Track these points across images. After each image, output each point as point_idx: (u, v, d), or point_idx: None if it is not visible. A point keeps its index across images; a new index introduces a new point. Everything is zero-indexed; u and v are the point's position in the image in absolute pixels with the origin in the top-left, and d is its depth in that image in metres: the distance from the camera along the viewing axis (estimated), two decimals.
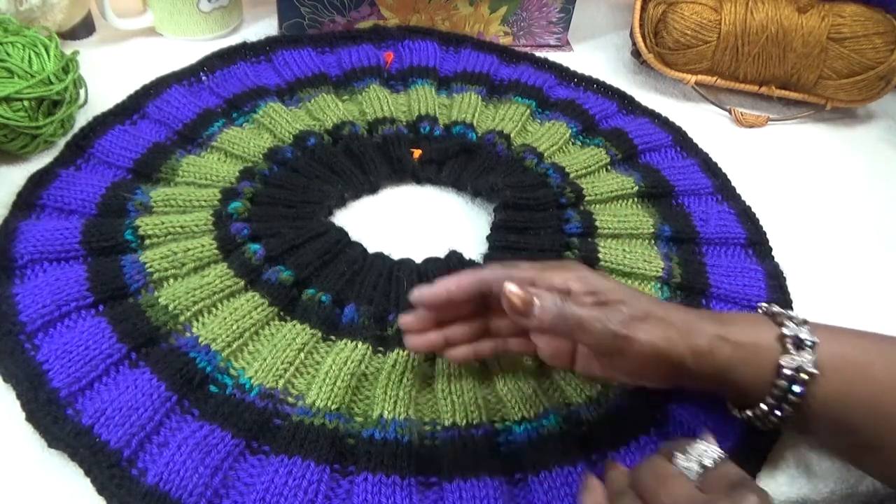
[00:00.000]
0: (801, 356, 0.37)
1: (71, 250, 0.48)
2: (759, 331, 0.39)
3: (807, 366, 0.37)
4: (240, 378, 0.43)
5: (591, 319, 0.36)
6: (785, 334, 0.38)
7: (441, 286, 0.40)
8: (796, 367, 0.37)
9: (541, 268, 0.40)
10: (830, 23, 0.68)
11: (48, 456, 0.39)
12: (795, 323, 0.39)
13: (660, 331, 0.37)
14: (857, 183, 0.68)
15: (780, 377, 0.37)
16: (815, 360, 0.37)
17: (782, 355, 0.37)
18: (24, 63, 0.53)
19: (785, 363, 0.37)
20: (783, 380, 0.37)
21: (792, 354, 0.37)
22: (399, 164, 0.59)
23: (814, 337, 0.38)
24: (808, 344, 0.37)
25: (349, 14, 0.72)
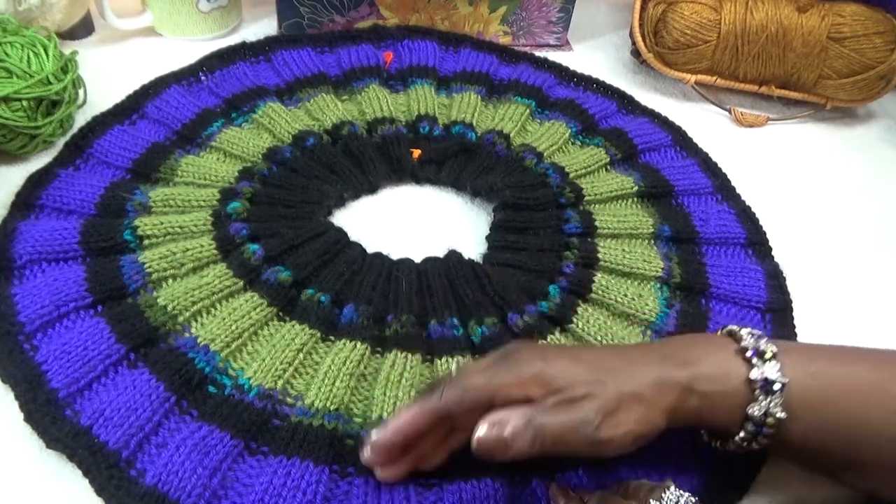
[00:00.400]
0: (768, 401, 0.37)
1: (70, 250, 0.48)
2: (725, 372, 0.38)
3: (775, 411, 0.36)
4: (238, 378, 0.43)
5: (565, 433, 0.35)
6: (752, 379, 0.37)
7: (395, 428, 0.37)
8: (764, 412, 0.37)
9: (491, 377, 0.36)
10: (830, 22, 0.68)
11: (47, 456, 0.39)
12: (763, 358, 0.37)
13: (634, 415, 0.36)
14: (857, 183, 0.67)
15: (748, 421, 0.37)
16: (783, 402, 0.36)
17: (750, 404, 0.37)
18: (22, 63, 0.53)
19: (752, 411, 0.37)
20: (751, 424, 0.37)
21: (759, 401, 0.37)
22: (398, 163, 0.59)
23: (783, 377, 0.37)
24: (776, 388, 0.37)
25: (348, 14, 0.72)
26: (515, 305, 0.48)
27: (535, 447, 0.35)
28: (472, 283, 0.49)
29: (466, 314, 0.48)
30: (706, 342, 0.40)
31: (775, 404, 0.36)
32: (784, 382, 0.36)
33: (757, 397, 0.37)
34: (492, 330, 0.47)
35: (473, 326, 0.47)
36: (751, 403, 0.37)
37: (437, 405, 0.37)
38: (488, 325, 0.47)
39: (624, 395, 0.36)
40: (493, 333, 0.46)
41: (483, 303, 0.48)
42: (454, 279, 0.49)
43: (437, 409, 0.37)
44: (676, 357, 0.38)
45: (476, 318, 0.47)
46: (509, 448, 0.34)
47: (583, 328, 0.48)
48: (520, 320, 0.47)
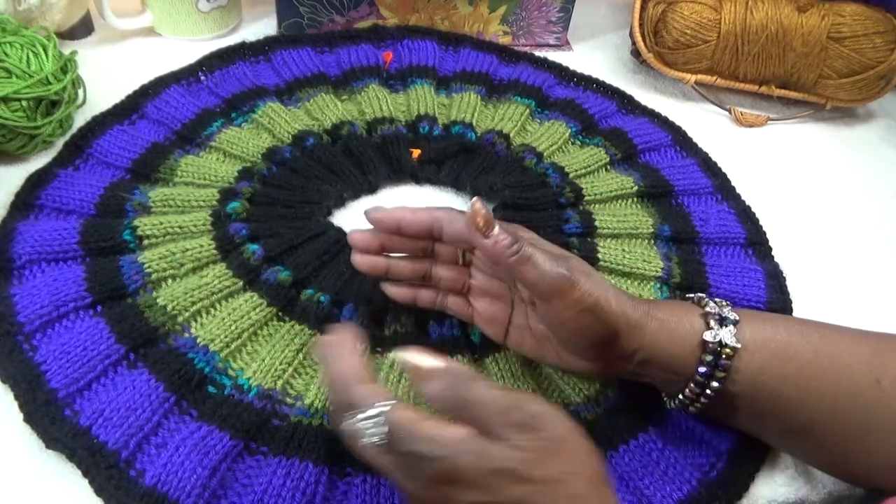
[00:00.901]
0: (722, 331, 0.38)
1: (69, 251, 0.47)
2: (684, 311, 0.40)
3: (728, 339, 0.38)
4: (238, 378, 0.43)
5: (541, 257, 0.37)
6: (708, 312, 0.39)
7: (397, 212, 0.42)
8: (718, 340, 0.38)
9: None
10: (830, 22, 0.68)
11: (46, 457, 0.39)
12: (718, 304, 0.40)
13: (601, 290, 0.38)
14: (858, 183, 0.67)
15: (705, 352, 0.38)
16: (736, 334, 0.38)
17: (706, 331, 0.38)
18: (22, 63, 0.53)
19: (708, 337, 0.38)
20: (707, 354, 0.38)
21: (714, 329, 0.38)
22: (398, 163, 0.59)
23: (735, 315, 0.39)
24: (730, 320, 0.39)
25: (348, 14, 0.71)
26: None
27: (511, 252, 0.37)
28: None
29: None
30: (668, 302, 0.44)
31: (730, 333, 0.38)
32: (736, 319, 0.39)
33: (712, 327, 0.38)
34: None
35: (472, 326, 0.47)
36: (706, 332, 0.38)
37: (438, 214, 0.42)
38: None
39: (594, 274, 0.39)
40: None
41: None
42: None
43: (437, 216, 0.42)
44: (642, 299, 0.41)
45: None
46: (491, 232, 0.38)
47: None
48: None
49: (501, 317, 0.43)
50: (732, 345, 0.38)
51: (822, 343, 0.38)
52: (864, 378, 0.37)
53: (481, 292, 0.44)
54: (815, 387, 0.37)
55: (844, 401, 0.37)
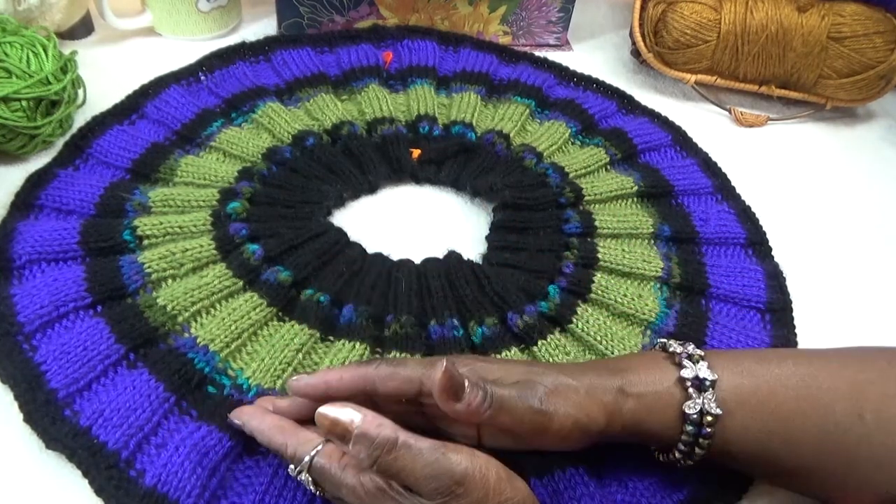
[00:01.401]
0: (702, 398, 0.37)
1: (69, 251, 0.47)
2: (658, 377, 0.38)
3: (709, 406, 0.37)
4: (238, 378, 0.43)
5: (512, 399, 0.35)
6: (684, 377, 0.38)
7: (320, 378, 0.37)
8: (699, 410, 0.37)
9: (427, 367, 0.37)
10: (830, 22, 0.68)
11: (46, 457, 0.39)
12: (693, 361, 0.38)
13: (573, 402, 0.36)
14: (858, 183, 0.67)
15: (687, 422, 0.37)
16: (716, 398, 0.37)
17: (685, 401, 0.37)
18: (22, 63, 0.53)
19: (688, 409, 0.37)
20: (690, 425, 0.37)
21: (693, 398, 0.37)
22: (398, 163, 0.59)
23: (713, 374, 0.37)
24: (707, 384, 0.37)
25: (348, 14, 0.71)
26: (515, 306, 0.48)
27: (485, 407, 0.35)
28: (472, 283, 0.49)
29: (466, 315, 0.48)
30: (639, 354, 0.42)
31: (709, 400, 0.37)
32: (714, 379, 0.37)
33: (691, 395, 0.37)
34: (492, 330, 0.47)
35: (474, 327, 0.47)
36: (686, 402, 0.37)
37: (369, 373, 0.37)
38: (488, 325, 0.47)
39: (561, 384, 0.37)
40: (493, 333, 0.46)
41: (483, 303, 0.48)
42: (454, 280, 0.49)
43: (368, 376, 0.37)
44: (609, 366, 0.39)
45: (476, 319, 0.47)
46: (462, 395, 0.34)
47: (582, 328, 0.48)
48: (519, 320, 0.47)
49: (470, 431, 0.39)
50: (714, 412, 0.37)
51: (802, 385, 0.37)
52: (847, 416, 0.36)
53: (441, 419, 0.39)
54: (799, 434, 0.37)
55: (830, 442, 0.36)
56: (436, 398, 0.35)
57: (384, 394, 0.37)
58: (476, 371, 0.37)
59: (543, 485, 0.40)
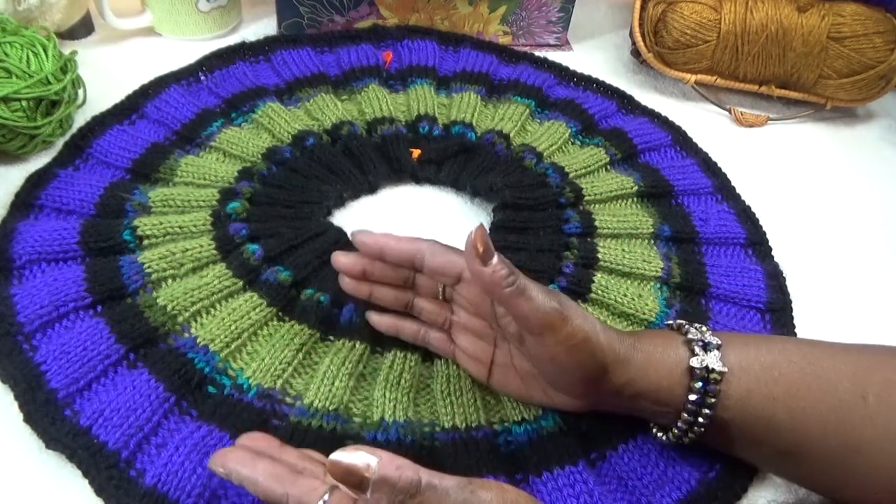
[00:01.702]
0: (708, 356, 0.38)
1: (69, 251, 0.47)
2: (667, 341, 0.40)
3: (715, 364, 0.37)
4: (238, 378, 0.43)
5: (534, 290, 0.36)
6: (691, 339, 0.39)
7: (381, 238, 0.41)
8: (705, 366, 0.38)
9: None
10: (830, 22, 0.68)
11: (46, 457, 0.39)
12: (699, 331, 0.40)
13: (590, 325, 0.38)
14: (857, 182, 0.67)
15: (693, 378, 0.38)
16: (721, 358, 0.38)
17: (691, 357, 0.38)
18: (22, 63, 0.53)
19: (695, 364, 0.38)
20: (696, 380, 0.38)
21: (699, 356, 0.38)
22: (398, 163, 0.59)
23: (717, 339, 0.39)
24: (713, 345, 0.38)
25: (348, 14, 0.71)
26: None
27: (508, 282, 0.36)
28: None
29: None
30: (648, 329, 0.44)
31: (715, 358, 0.38)
32: (719, 343, 0.39)
33: (697, 353, 0.38)
34: None
35: None
36: (692, 358, 0.38)
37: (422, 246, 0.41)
38: None
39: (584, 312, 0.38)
40: None
41: None
42: None
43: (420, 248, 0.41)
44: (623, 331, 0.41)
45: None
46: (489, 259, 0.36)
47: None
48: None
49: (484, 356, 0.42)
50: (719, 369, 0.37)
51: (805, 362, 0.38)
52: (850, 395, 0.37)
53: (463, 329, 0.43)
54: (802, 407, 0.37)
55: (833, 420, 0.37)
56: (465, 254, 0.37)
57: (430, 269, 0.40)
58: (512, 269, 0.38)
59: (543, 483, 0.40)
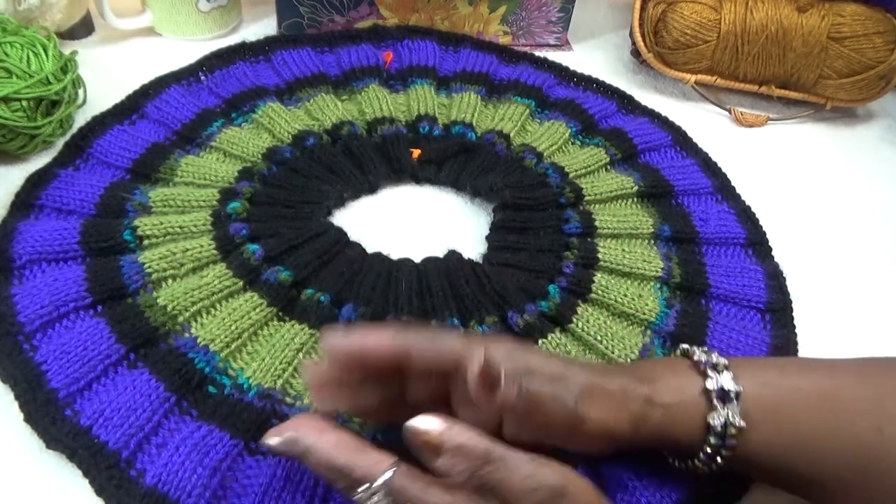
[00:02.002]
0: (726, 410, 0.37)
1: (69, 251, 0.47)
2: (683, 386, 0.38)
3: (734, 420, 0.37)
4: (238, 378, 0.43)
5: (546, 396, 0.34)
6: (708, 388, 0.37)
7: (358, 339, 0.35)
8: (724, 422, 0.37)
9: (464, 343, 0.35)
10: (830, 22, 0.68)
11: (46, 457, 0.39)
12: (717, 371, 0.38)
13: (605, 407, 0.36)
14: (858, 182, 0.67)
15: (710, 434, 0.37)
16: (740, 410, 0.37)
17: (709, 412, 0.37)
18: (22, 63, 0.53)
19: (712, 420, 0.37)
20: (713, 437, 0.37)
21: (718, 410, 0.37)
22: (398, 163, 0.59)
23: (737, 386, 0.37)
24: (731, 396, 0.37)
25: (348, 14, 0.71)
26: (515, 305, 0.48)
27: (521, 398, 0.33)
28: (472, 282, 0.49)
29: (467, 314, 0.48)
30: (663, 362, 0.41)
31: (733, 413, 0.37)
32: (738, 390, 0.37)
33: (715, 406, 0.37)
34: (492, 329, 0.47)
35: (474, 326, 0.47)
36: (710, 413, 0.37)
37: (407, 342, 0.34)
38: (489, 324, 0.47)
39: (595, 385, 0.36)
40: (494, 332, 0.47)
41: (483, 302, 0.48)
42: (454, 279, 0.49)
43: (405, 345, 0.34)
44: (637, 373, 0.39)
45: (476, 318, 0.47)
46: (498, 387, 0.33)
47: (582, 328, 0.48)
48: (520, 319, 0.47)
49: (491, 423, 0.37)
50: (738, 425, 0.36)
51: (823, 400, 0.37)
52: (868, 432, 0.36)
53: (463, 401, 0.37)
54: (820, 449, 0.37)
55: (850, 457, 0.36)
56: (470, 388, 0.33)
57: (418, 367, 0.34)
58: (513, 359, 0.34)
59: None
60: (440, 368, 0.35)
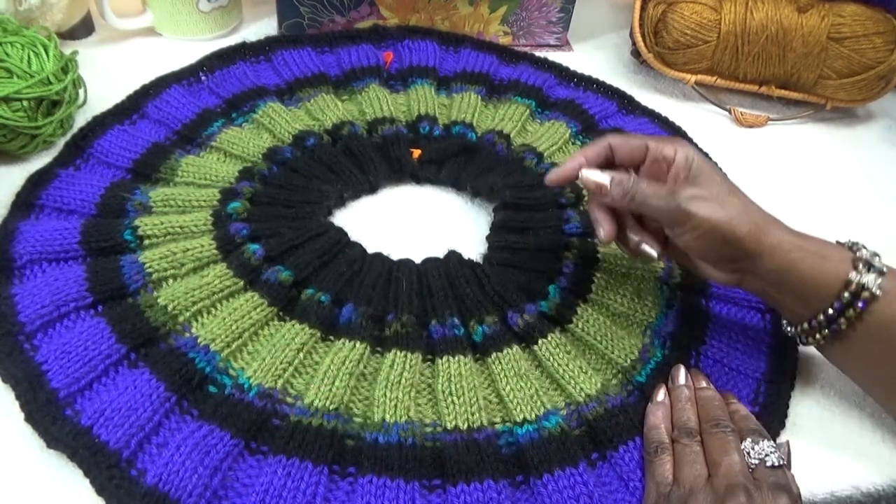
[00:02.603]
0: (868, 276, 0.40)
1: (70, 250, 0.48)
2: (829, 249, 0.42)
3: (871, 284, 0.40)
4: (239, 378, 0.43)
5: (654, 196, 0.42)
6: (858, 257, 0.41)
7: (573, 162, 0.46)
8: (862, 284, 0.40)
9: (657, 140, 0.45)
10: (830, 22, 0.68)
11: (47, 456, 0.39)
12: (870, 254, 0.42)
13: (722, 211, 0.41)
14: (857, 183, 0.67)
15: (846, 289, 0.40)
16: (880, 283, 0.40)
17: (851, 271, 0.40)
18: (23, 63, 0.53)
19: (853, 277, 0.40)
20: (847, 292, 0.40)
21: (861, 272, 0.40)
22: (398, 164, 0.59)
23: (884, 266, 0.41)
24: (876, 269, 0.40)
25: (349, 14, 0.72)
26: (515, 305, 0.48)
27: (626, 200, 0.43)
28: (473, 282, 0.49)
29: (467, 314, 0.48)
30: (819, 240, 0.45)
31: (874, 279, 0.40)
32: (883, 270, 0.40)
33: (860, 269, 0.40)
34: (492, 329, 0.47)
35: (474, 325, 0.47)
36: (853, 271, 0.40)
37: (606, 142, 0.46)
38: (489, 324, 0.47)
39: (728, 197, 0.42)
40: (493, 332, 0.47)
41: (483, 302, 0.48)
42: (454, 279, 0.49)
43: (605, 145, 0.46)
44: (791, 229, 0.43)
45: (476, 318, 0.47)
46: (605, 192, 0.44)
47: (582, 328, 0.48)
48: (520, 320, 0.47)
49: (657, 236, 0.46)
50: (873, 291, 0.40)
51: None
52: None
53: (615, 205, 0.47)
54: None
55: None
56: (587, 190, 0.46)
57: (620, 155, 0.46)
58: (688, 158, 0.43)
59: (544, 485, 0.40)
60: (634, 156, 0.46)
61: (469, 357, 0.45)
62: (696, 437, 0.41)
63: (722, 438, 0.40)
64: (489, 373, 0.45)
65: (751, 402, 0.46)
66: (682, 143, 0.45)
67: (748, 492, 0.36)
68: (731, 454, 0.39)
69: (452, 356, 0.45)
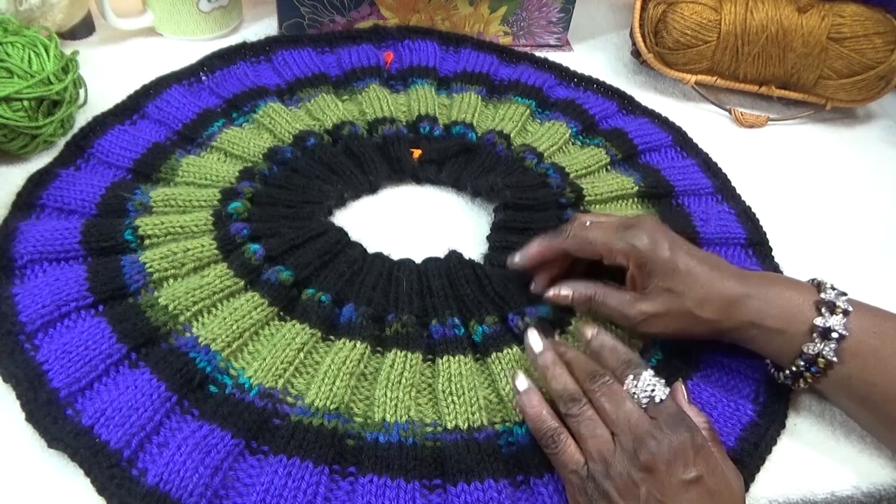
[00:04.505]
0: (823, 344, 0.41)
1: (71, 250, 0.48)
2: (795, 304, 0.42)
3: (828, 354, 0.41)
4: (239, 378, 0.43)
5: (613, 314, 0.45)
6: (815, 324, 0.41)
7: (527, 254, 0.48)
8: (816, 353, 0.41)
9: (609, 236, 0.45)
10: (830, 23, 0.68)
11: (48, 456, 0.39)
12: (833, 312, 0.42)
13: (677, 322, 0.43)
14: (858, 183, 0.68)
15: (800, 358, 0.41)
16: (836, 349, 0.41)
17: (816, 316, 0.41)
18: (23, 63, 0.53)
19: (806, 349, 0.41)
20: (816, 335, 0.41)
21: (825, 315, 0.41)
22: (399, 164, 0.59)
23: (844, 330, 0.41)
24: (834, 336, 0.41)
25: (349, 14, 0.72)
26: (515, 305, 0.48)
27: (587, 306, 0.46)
28: (473, 283, 0.49)
29: (467, 314, 0.48)
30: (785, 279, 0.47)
31: (829, 349, 0.41)
32: (844, 334, 0.41)
33: (814, 339, 0.41)
34: (493, 329, 0.47)
35: (474, 326, 0.47)
36: (818, 317, 0.41)
37: (561, 243, 0.47)
38: (489, 324, 0.47)
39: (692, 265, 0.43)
40: (493, 332, 0.47)
41: (483, 303, 0.48)
42: (454, 279, 0.49)
43: (561, 245, 0.47)
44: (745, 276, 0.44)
45: (477, 318, 0.47)
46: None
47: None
48: (520, 322, 0.47)
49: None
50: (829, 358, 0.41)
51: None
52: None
53: None
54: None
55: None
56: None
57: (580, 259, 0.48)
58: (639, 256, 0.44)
59: (544, 484, 0.40)
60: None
61: (469, 357, 0.45)
62: (581, 400, 0.39)
63: (606, 391, 0.39)
64: (489, 373, 0.45)
65: (751, 402, 0.46)
66: (636, 234, 0.44)
67: (654, 436, 0.36)
68: (622, 404, 0.38)
69: (453, 356, 0.45)
